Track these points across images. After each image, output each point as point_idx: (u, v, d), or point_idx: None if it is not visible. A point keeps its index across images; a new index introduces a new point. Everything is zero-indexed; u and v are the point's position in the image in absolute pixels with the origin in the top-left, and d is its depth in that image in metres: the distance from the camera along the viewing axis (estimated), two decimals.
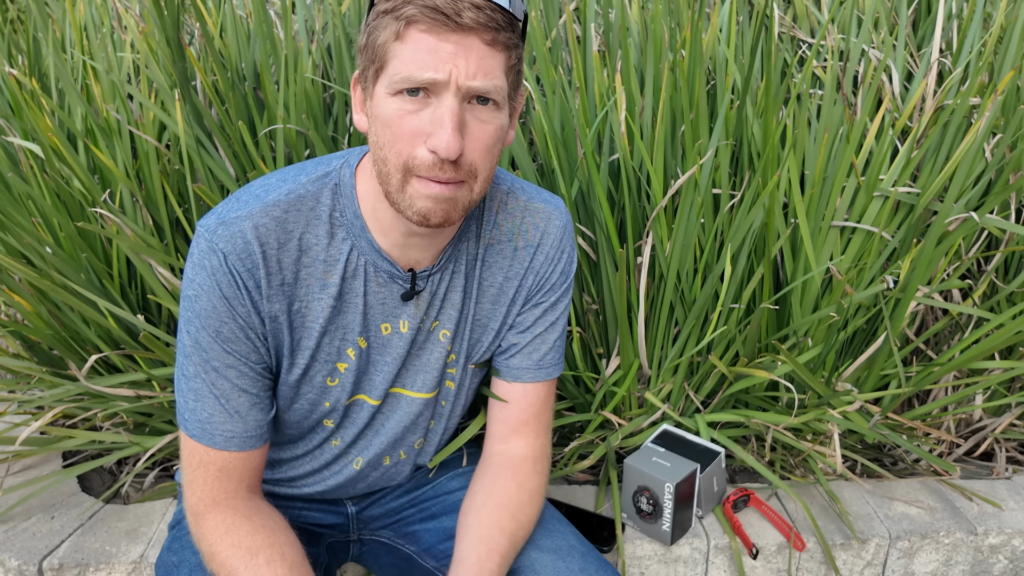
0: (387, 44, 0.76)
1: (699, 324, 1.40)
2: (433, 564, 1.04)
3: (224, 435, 0.88)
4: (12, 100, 1.48)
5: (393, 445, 1.04)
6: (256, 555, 0.83)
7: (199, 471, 0.89)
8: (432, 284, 0.95)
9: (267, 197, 0.86)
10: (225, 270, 0.83)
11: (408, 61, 0.75)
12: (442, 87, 0.75)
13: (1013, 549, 1.39)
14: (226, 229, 0.84)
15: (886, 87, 1.62)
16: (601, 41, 1.68)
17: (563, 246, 1.01)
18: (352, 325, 0.93)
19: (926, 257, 1.36)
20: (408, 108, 0.77)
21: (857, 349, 1.51)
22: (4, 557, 1.21)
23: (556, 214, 1.00)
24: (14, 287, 1.36)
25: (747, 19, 1.73)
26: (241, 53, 1.54)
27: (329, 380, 0.95)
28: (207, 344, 0.85)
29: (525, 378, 1.03)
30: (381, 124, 0.79)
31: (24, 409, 1.50)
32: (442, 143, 0.75)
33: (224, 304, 0.84)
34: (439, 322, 0.98)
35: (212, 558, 0.86)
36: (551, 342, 1.03)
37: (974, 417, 1.58)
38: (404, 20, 0.74)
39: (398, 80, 0.76)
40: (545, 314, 1.02)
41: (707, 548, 1.29)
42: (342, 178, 0.89)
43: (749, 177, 1.43)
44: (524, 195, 0.99)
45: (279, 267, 0.86)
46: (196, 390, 0.87)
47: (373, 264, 0.90)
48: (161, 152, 1.44)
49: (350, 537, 1.13)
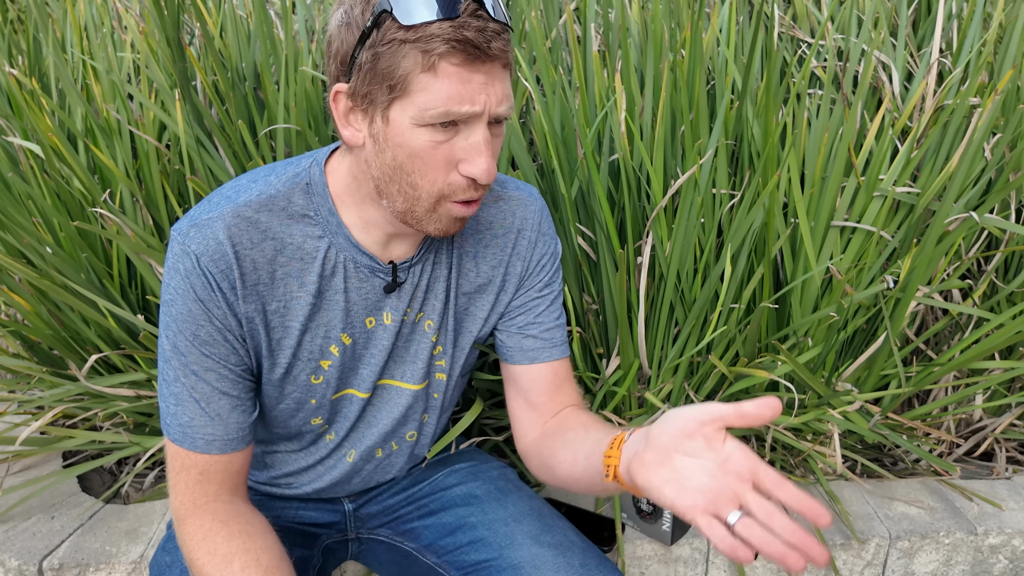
0: (411, 74, 0.76)
1: (699, 324, 1.40)
2: (434, 560, 1.04)
3: (205, 439, 0.88)
4: (12, 100, 1.49)
5: (385, 437, 1.05)
6: (231, 562, 0.83)
7: (181, 475, 0.89)
8: (414, 275, 0.96)
9: (238, 198, 0.87)
10: (199, 272, 0.83)
11: (444, 95, 0.76)
12: (476, 118, 0.79)
13: (1013, 549, 1.39)
14: (198, 231, 0.84)
15: (886, 87, 1.62)
16: (601, 41, 1.68)
17: (543, 228, 1.03)
18: (334, 322, 0.93)
19: (926, 257, 1.36)
20: (440, 139, 0.79)
21: (857, 349, 1.50)
22: (4, 557, 1.21)
23: (530, 200, 1.03)
24: (14, 287, 1.37)
25: (747, 19, 1.73)
26: (241, 53, 1.54)
27: (313, 378, 0.95)
28: (185, 348, 0.86)
29: (543, 358, 1.04)
30: (408, 153, 0.80)
31: (24, 409, 1.50)
32: (482, 170, 0.79)
33: (200, 307, 0.84)
34: (423, 313, 0.99)
35: (191, 564, 0.86)
36: (556, 320, 1.06)
37: (974, 417, 1.58)
38: (436, 55, 0.75)
39: (434, 114, 0.77)
40: (543, 293, 1.05)
41: (707, 548, 1.29)
42: (312, 177, 0.89)
43: (749, 177, 1.43)
44: (497, 185, 1.02)
45: (253, 267, 0.86)
46: (176, 394, 0.87)
47: (352, 260, 0.91)
48: (161, 152, 1.44)
49: (348, 536, 1.13)
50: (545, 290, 1.05)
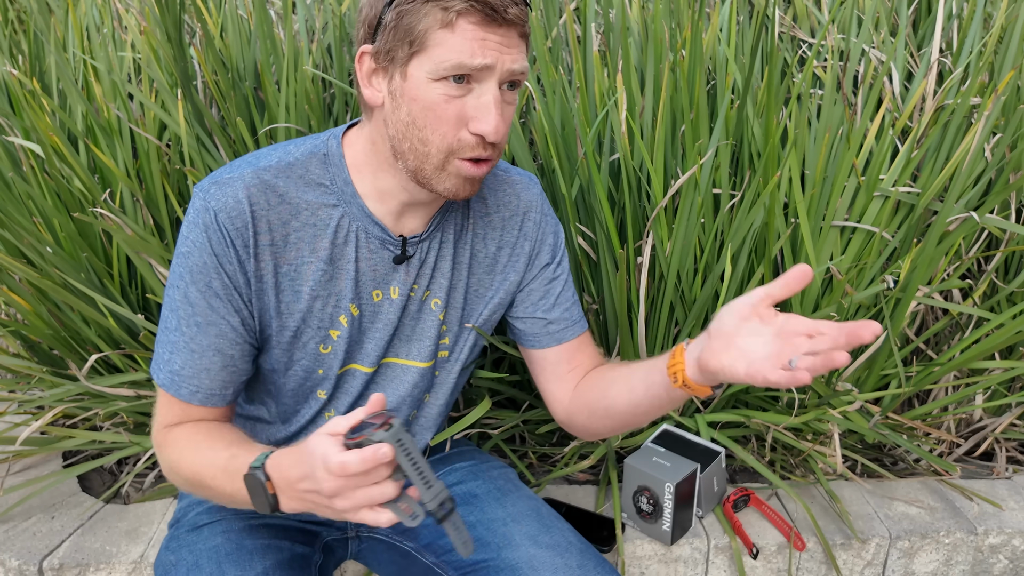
0: (430, 30, 0.80)
1: (699, 324, 1.40)
2: (432, 560, 1.04)
3: (189, 388, 0.92)
4: (13, 100, 1.49)
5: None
6: (200, 442, 0.90)
7: (162, 409, 0.95)
8: (421, 251, 0.98)
9: (259, 163, 0.91)
10: (215, 227, 0.87)
11: (459, 49, 0.80)
12: (488, 74, 0.82)
13: (1013, 549, 1.39)
14: (219, 189, 0.88)
15: (886, 87, 1.62)
16: (601, 41, 1.68)
17: (545, 210, 1.08)
18: (345, 291, 0.95)
19: (926, 257, 1.36)
20: (453, 93, 0.82)
21: (857, 349, 1.51)
22: (4, 557, 1.21)
23: (531, 184, 1.07)
24: (14, 287, 1.37)
25: (747, 19, 1.73)
26: (242, 53, 1.54)
27: (322, 347, 0.97)
28: (195, 299, 0.89)
29: (568, 336, 1.08)
30: (421, 107, 0.83)
31: (24, 409, 1.50)
32: (491, 127, 0.82)
33: (214, 260, 0.88)
34: (430, 291, 1.01)
35: (173, 469, 0.92)
36: (572, 297, 1.10)
37: (974, 417, 1.58)
38: (455, 12, 0.79)
39: (448, 67, 0.81)
40: (557, 274, 1.08)
41: (707, 548, 1.29)
42: (330, 148, 0.93)
43: (749, 177, 1.43)
44: (500, 169, 1.06)
45: (268, 228, 0.90)
46: (174, 343, 0.91)
47: (364, 230, 0.94)
48: (161, 151, 1.44)
49: (348, 534, 1.13)
50: (558, 270, 1.08)
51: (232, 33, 1.54)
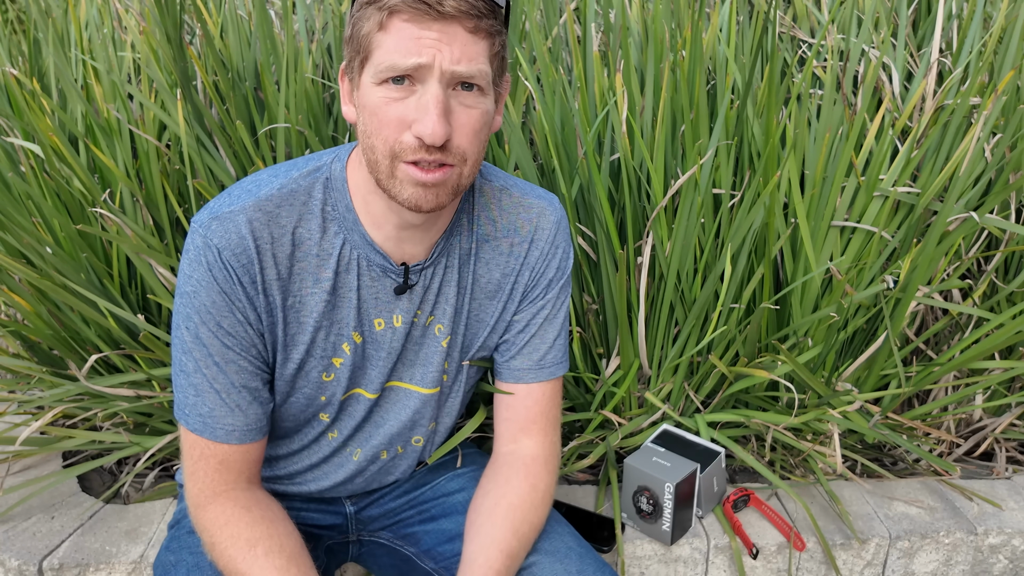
0: (371, 34, 0.78)
1: (699, 324, 1.40)
2: (432, 566, 1.04)
3: (225, 429, 0.89)
4: (12, 100, 1.49)
5: (392, 440, 1.04)
6: (255, 546, 0.84)
7: (200, 463, 0.90)
8: (425, 278, 0.95)
9: (259, 192, 0.87)
10: (220, 265, 0.84)
11: (392, 50, 0.76)
12: (426, 73, 0.76)
13: (1013, 549, 1.39)
14: (220, 224, 0.84)
15: (886, 87, 1.62)
16: (601, 41, 1.68)
17: (557, 241, 1.01)
18: (347, 320, 0.93)
19: (926, 257, 1.36)
20: (393, 96, 0.78)
21: (857, 349, 1.51)
22: (4, 557, 1.21)
23: (550, 210, 1.00)
24: (14, 287, 1.36)
25: (747, 19, 1.73)
26: (242, 53, 1.54)
27: (325, 375, 0.96)
28: (208, 339, 0.86)
29: (527, 379, 1.03)
30: (368, 113, 0.80)
31: (24, 409, 1.50)
32: (428, 129, 0.76)
33: (223, 298, 0.85)
34: (434, 317, 0.98)
35: (213, 548, 0.87)
36: (550, 341, 1.03)
37: (974, 417, 1.58)
38: (387, 11, 0.76)
39: (383, 69, 0.77)
40: (542, 311, 1.02)
41: (707, 548, 1.29)
42: (333, 172, 0.90)
43: (749, 177, 1.43)
44: (518, 191, 1.00)
45: (273, 261, 0.87)
46: (196, 385, 0.88)
47: (366, 258, 0.91)
48: (161, 152, 1.44)
49: (349, 538, 1.13)
50: (543, 310, 1.02)
51: (232, 33, 1.54)
